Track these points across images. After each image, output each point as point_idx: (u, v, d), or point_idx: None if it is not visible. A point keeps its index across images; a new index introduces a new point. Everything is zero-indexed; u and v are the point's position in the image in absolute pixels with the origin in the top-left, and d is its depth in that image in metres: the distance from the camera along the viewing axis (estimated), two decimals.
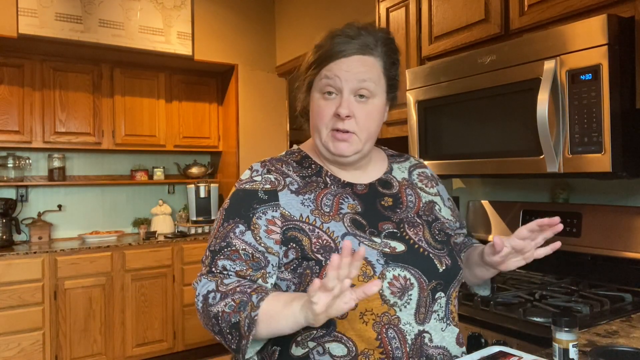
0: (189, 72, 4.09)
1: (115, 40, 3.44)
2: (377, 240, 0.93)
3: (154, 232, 3.79)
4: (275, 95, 4.23)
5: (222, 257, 0.92)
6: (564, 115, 1.38)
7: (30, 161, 3.67)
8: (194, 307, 3.73)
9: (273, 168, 1.00)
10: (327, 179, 1.01)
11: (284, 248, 0.93)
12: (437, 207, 1.08)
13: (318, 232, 0.92)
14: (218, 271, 0.91)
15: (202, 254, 0.98)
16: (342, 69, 0.95)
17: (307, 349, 0.89)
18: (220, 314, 0.85)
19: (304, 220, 0.94)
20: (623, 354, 0.94)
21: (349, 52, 0.96)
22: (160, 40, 3.62)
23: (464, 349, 0.99)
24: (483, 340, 1.38)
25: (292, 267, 0.92)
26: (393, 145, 2.21)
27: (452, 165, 1.77)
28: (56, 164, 3.68)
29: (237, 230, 0.93)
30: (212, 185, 4.03)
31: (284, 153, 1.07)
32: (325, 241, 0.91)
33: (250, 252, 0.92)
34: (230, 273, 0.91)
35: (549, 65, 1.40)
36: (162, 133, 3.95)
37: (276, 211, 0.94)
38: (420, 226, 1.00)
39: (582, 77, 1.34)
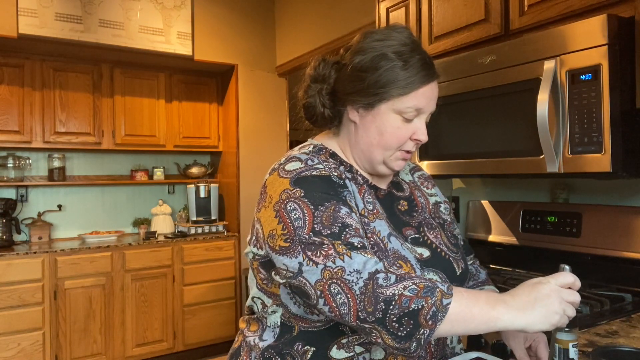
0: (189, 72, 4.09)
1: (115, 40, 3.44)
2: (408, 244, 0.93)
3: (154, 232, 3.79)
4: (275, 95, 4.23)
5: (349, 236, 0.80)
6: (564, 115, 1.38)
7: (30, 161, 3.67)
8: (194, 307, 3.75)
9: (324, 158, 0.94)
10: (359, 178, 0.98)
11: None
12: (441, 208, 1.09)
13: (371, 229, 0.90)
14: (361, 245, 0.79)
15: (202, 254, 0.93)
16: (426, 96, 0.92)
17: (352, 353, 0.86)
18: (395, 297, 0.71)
19: (361, 212, 0.91)
20: (625, 354, 0.94)
21: (433, 77, 0.93)
22: (160, 40, 3.62)
23: (461, 344, 1.02)
24: (483, 340, 1.38)
25: None
26: None
27: (452, 165, 1.77)
28: (56, 164, 3.67)
29: (342, 212, 0.83)
30: (212, 185, 4.03)
31: (311, 148, 0.99)
32: (376, 240, 0.89)
33: (363, 233, 0.84)
34: (369, 250, 0.81)
35: (549, 65, 1.40)
36: (162, 133, 3.95)
37: (353, 199, 0.90)
38: (437, 229, 1.01)
39: (582, 77, 1.34)
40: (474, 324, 0.72)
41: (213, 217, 4.01)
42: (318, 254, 0.78)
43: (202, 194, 3.97)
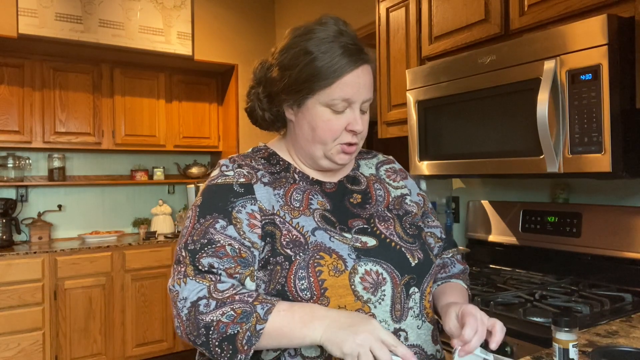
0: (189, 72, 4.09)
1: (115, 40, 3.44)
2: (348, 235, 0.92)
3: (154, 232, 3.79)
4: None
5: (205, 255, 0.85)
6: (564, 115, 1.38)
7: (30, 161, 3.67)
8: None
9: (243, 163, 0.97)
10: (296, 176, 0.99)
11: (263, 243, 0.89)
12: (407, 200, 1.06)
13: (288, 227, 0.90)
14: (205, 270, 0.84)
15: None
16: (353, 84, 0.90)
17: (278, 352, 0.86)
18: (214, 323, 0.78)
19: (275, 212, 0.91)
20: (625, 354, 0.94)
21: (358, 63, 0.91)
22: (160, 40, 3.62)
23: (438, 346, 0.97)
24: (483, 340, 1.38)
25: (262, 264, 0.88)
26: (393, 145, 2.20)
27: (452, 165, 1.77)
28: (56, 164, 3.67)
29: (217, 226, 0.87)
30: None
31: (250, 150, 1.04)
32: (295, 236, 0.89)
33: (237, 247, 0.86)
34: (219, 271, 0.84)
35: (549, 65, 1.40)
36: (162, 133, 3.95)
37: (254, 204, 0.91)
38: (391, 220, 0.99)
39: (582, 77, 1.34)
40: (285, 340, 0.79)
41: None
42: (175, 272, 0.86)
43: None
